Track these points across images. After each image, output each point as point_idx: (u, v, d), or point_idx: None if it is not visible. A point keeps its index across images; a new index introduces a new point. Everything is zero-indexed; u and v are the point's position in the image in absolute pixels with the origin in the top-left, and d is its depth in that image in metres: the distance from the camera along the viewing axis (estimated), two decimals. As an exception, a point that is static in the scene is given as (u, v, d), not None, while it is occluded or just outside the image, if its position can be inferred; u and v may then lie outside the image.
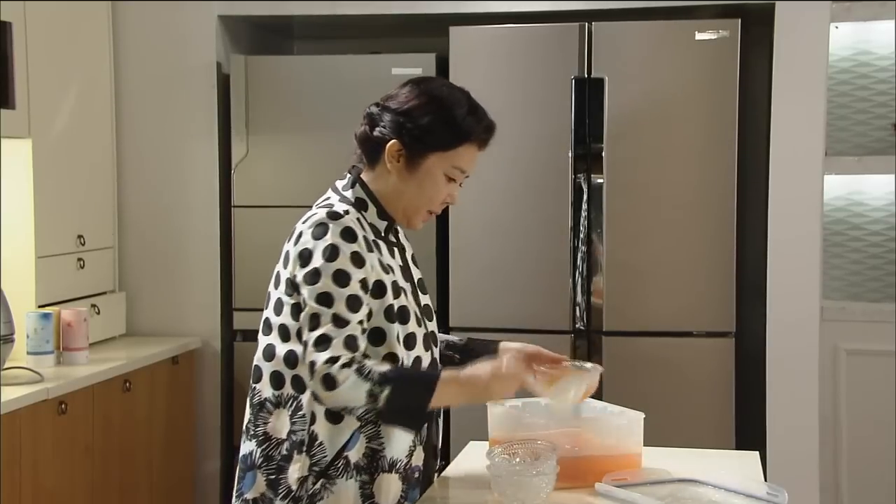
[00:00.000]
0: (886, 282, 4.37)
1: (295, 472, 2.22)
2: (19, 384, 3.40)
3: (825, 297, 4.23)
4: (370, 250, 2.21)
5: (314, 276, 2.16)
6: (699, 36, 3.98)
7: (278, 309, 2.24)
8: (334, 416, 2.20)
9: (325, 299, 2.14)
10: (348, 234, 2.18)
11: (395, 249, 2.33)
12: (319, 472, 2.21)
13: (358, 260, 2.17)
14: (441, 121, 2.24)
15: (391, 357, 2.21)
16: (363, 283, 2.17)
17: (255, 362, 2.30)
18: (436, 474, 2.44)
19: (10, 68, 3.61)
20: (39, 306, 3.83)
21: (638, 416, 2.49)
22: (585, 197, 4.06)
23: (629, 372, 4.05)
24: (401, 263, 2.33)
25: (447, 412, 3.84)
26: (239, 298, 4.39)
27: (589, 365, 2.37)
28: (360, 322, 2.16)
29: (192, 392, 4.40)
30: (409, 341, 2.25)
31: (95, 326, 4.09)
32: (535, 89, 4.09)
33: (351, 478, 2.22)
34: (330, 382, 2.10)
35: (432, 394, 2.15)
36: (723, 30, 3.97)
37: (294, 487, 2.22)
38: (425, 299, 2.40)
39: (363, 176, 2.32)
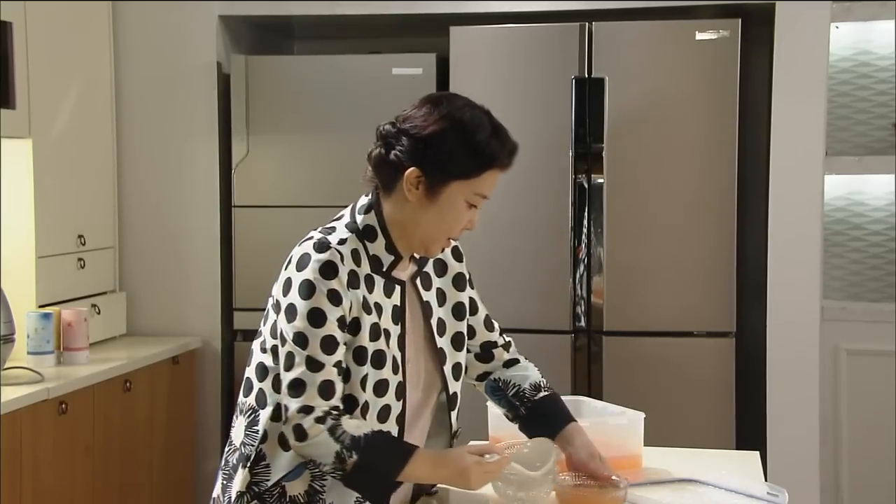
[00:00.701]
0: (886, 282, 4.37)
1: (236, 484, 2.15)
2: (19, 384, 3.40)
3: (825, 297, 4.23)
4: (354, 287, 2.10)
5: (291, 313, 2.07)
6: (699, 36, 3.98)
7: (265, 320, 2.20)
8: (286, 442, 2.10)
9: (300, 340, 2.06)
10: (328, 269, 2.07)
11: (397, 287, 2.19)
12: (256, 493, 2.13)
13: (335, 297, 2.06)
14: (464, 147, 2.10)
15: (350, 399, 2.10)
16: (341, 320, 2.07)
17: None
18: None
19: (10, 68, 3.61)
20: (40, 306, 3.83)
21: (638, 416, 2.49)
22: (586, 197, 4.07)
23: (629, 372, 4.05)
24: (396, 303, 2.19)
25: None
26: (239, 298, 4.39)
27: (615, 478, 2.22)
28: (337, 363, 2.07)
29: (192, 392, 4.40)
30: (380, 388, 2.13)
31: (96, 326, 4.09)
32: (535, 89, 4.08)
33: None
34: (300, 434, 2.03)
35: (402, 468, 2.05)
36: (723, 30, 3.97)
37: (233, 500, 2.16)
38: (458, 326, 2.30)
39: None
